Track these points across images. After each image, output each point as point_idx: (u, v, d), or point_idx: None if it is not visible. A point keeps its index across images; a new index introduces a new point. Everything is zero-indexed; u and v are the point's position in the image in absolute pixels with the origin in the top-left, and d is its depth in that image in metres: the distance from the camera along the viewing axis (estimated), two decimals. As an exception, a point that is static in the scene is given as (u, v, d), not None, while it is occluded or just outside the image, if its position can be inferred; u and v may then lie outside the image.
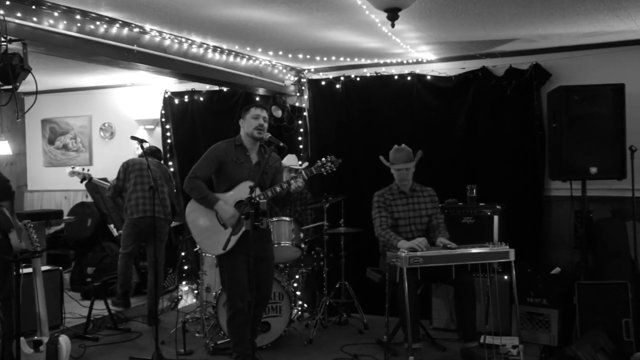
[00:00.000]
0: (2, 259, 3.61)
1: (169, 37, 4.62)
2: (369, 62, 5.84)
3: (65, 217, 6.40)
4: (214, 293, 4.82)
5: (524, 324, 4.59)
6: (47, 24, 3.73)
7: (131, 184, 5.38)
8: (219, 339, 4.64)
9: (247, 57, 5.45)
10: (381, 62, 5.80)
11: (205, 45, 4.94)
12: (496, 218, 4.89)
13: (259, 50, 5.25)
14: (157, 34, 4.51)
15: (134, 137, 4.60)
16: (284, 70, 6.05)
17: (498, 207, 4.94)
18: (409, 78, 5.75)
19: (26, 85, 3.71)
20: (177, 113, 6.78)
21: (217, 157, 3.90)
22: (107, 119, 7.46)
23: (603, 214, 5.03)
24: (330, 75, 6.11)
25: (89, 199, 6.83)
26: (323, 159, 3.85)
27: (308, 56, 5.46)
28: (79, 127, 7.65)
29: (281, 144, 3.80)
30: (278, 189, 3.79)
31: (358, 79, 5.98)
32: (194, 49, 4.90)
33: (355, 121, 5.97)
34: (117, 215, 6.19)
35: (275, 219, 4.72)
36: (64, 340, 3.59)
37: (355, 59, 5.75)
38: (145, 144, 4.65)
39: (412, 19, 4.17)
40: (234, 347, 3.94)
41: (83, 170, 6.03)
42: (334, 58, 5.65)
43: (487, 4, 3.84)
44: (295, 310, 5.04)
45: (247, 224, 3.54)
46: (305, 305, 5.29)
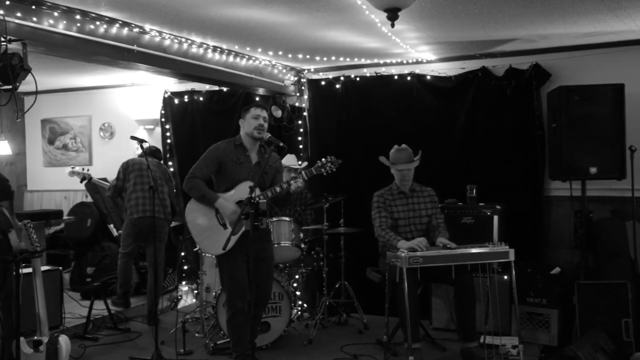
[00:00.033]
0: (2, 259, 3.60)
1: (169, 37, 4.62)
2: (368, 62, 5.84)
3: (65, 217, 6.39)
4: (213, 293, 4.82)
5: (523, 324, 4.59)
6: (47, 24, 3.73)
7: (131, 184, 5.38)
8: (219, 339, 4.64)
9: (247, 57, 5.45)
10: (381, 62, 5.80)
11: (205, 45, 4.94)
12: (496, 218, 4.89)
13: (259, 50, 5.24)
14: (157, 34, 4.50)
15: (133, 137, 4.60)
16: (284, 70, 6.05)
17: (498, 207, 4.94)
18: (408, 78, 5.75)
19: (26, 85, 3.71)
20: (177, 113, 6.77)
21: (217, 157, 3.90)
22: (107, 119, 7.46)
23: (603, 214, 5.03)
24: (330, 75, 6.11)
25: (89, 199, 6.83)
26: (323, 160, 3.84)
27: (308, 56, 5.46)
28: (79, 127, 7.65)
29: (281, 144, 3.80)
30: (278, 189, 3.79)
31: (358, 79, 5.97)
32: (194, 49, 4.90)
33: (355, 121, 5.96)
34: (117, 215, 6.19)
35: (275, 219, 4.72)
36: (63, 340, 3.59)
37: (355, 59, 5.74)
38: (145, 144, 4.65)
39: (412, 19, 4.17)
40: (233, 347, 3.94)
41: (83, 170, 6.04)
42: (333, 58, 5.65)
43: (487, 4, 3.84)
44: (295, 310, 5.04)
45: (246, 224, 3.54)
46: (305, 305, 5.28)
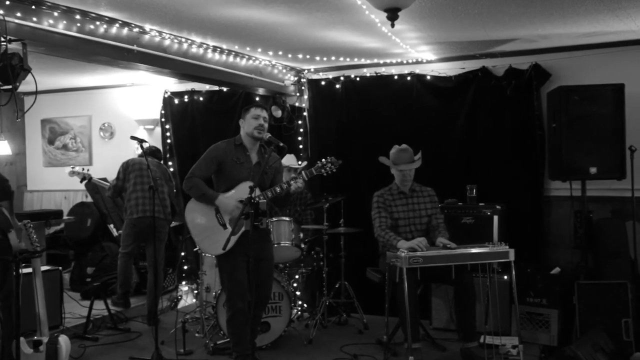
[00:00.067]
0: (2, 259, 3.60)
1: (169, 37, 4.62)
2: (368, 62, 5.84)
3: (65, 217, 6.39)
4: (213, 293, 4.82)
5: (523, 324, 4.59)
6: (46, 24, 3.73)
7: (131, 184, 5.38)
8: (219, 339, 4.64)
9: (246, 57, 5.45)
10: (381, 62, 5.80)
11: (205, 45, 4.94)
12: (496, 218, 4.89)
13: (259, 50, 5.24)
14: (157, 34, 4.50)
15: (133, 137, 4.60)
16: (284, 70, 6.04)
17: (498, 207, 4.94)
18: (408, 78, 5.75)
19: (26, 85, 3.71)
20: (176, 113, 6.77)
21: (217, 157, 3.89)
22: (106, 119, 7.46)
23: (603, 214, 5.03)
24: (330, 75, 6.11)
25: (89, 199, 6.83)
26: (323, 160, 3.83)
27: (308, 56, 5.46)
28: (79, 127, 7.65)
29: (281, 144, 3.80)
30: (278, 189, 3.78)
31: (358, 79, 5.97)
32: (194, 49, 4.90)
33: (355, 121, 5.96)
34: (117, 215, 6.19)
35: (275, 219, 4.72)
36: (63, 340, 3.59)
37: (355, 59, 5.74)
38: (145, 144, 4.65)
39: (412, 19, 4.17)
40: (233, 347, 3.94)
41: (83, 170, 6.03)
42: (333, 58, 5.64)
43: (487, 4, 3.84)
44: (295, 310, 5.04)
45: (246, 224, 3.54)
46: (305, 305, 5.28)
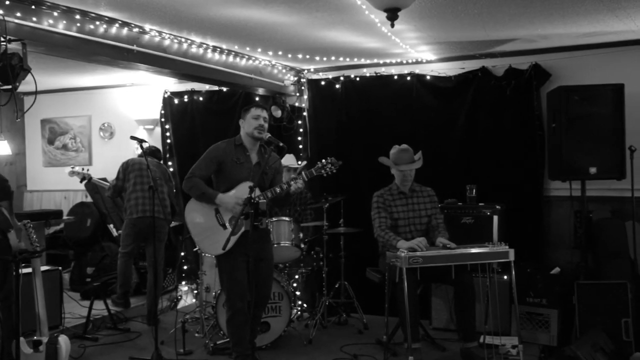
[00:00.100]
0: (2, 259, 3.60)
1: (169, 37, 4.62)
2: (368, 62, 5.83)
3: (64, 217, 6.39)
4: (213, 293, 4.82)
5: (523, 324, 4.59)
6: (46, 24, 3.73)
7: (131, 184, 5.38)
8: (219, 339, 4.64)
9: (246, 57, 5.44)
10: (381, 62, 5.80)
11: (204, 45, 4.94)
12: (496, 218, 4.89)
13: (259, 50, 5.24)
14: (157, 33, 4.50)
15: (133, 137, 4.60)
16: (284, 70, 6.04)
17: (498, 207, 4.94)
18: (408, 78, 5.75)
19: (26, 85, 3.71)
20: (176, 113, 6.77)
21: (217, 157, 3.89)
22: (106, 119, 7.46)
23: (603, 214, 5.03)
24: (330, 75, 6.11)
25: (89, 199, 6.83)
26: (323, 161, 3.82)
27: (308, 56, 5.46)
28: (79, 127, 7.65)
29: (281, 144, 3.79)
30: (278, 189, 3.78)
31: (358, 79, 5.97)
32: (194, 49, 4.90)
33: (355, 121, 5.96)
34: (117, 215, 6.19)
35: (274, 219, 4.72)
36: (63, 340, 3.59)
37: (355, 59, 5.74)
38: (145, 144, 4.64)
39: (412, 19, 4.17)
40: (233, 347, 3.93)
41: (83, 170, 6.03)
42: (333, 58, 5.64)
43: (487, 4, 3.84)
44: (295, 310, 5.04)
45: (246, 224, 3.54)
46: (305, 305, 5.28)
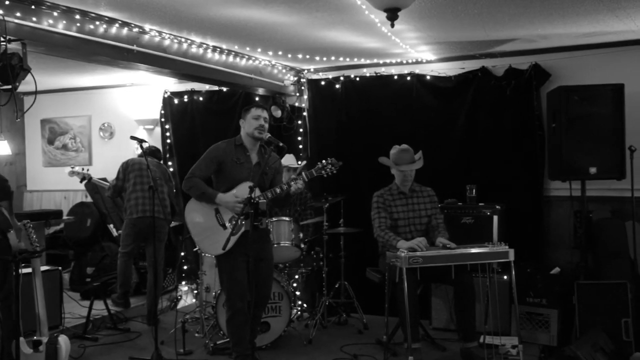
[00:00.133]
0: (2, 259, 3.60)
1: (169, 37, 4.62)
2: (368, 62, 5.83)
3: (64, 217, 6.39)
4: (213, 293, 4.82)
5: (523, 324, 4.59)
6: (46, 24, 3.73)
7: (131, 184, 5.38)
8: (219, 339, 4.64)
9: (246, 57, 5.44)
10: (381, 62, 5.80)
11: (204, 45, 4.94)
12: (496, 218, 4.89)
13: (259, 50, 5.24)
14: (157, 33, 4.50)
15: (133, 137, 4.60)
16: (284, 70, 6.04)
17: (497, 207, 4.94)
18: (408, 78, 5.75)
19: (25, 85, 3.71)
20: (176, 113, 6.77)
21: (217, 157, 3.89)
22: (106, 119, 7.46)
23: (603, 214, 5.03)
24: (330, 75, 6.11)
25: (89, 199, 6.83)
26: (323, 161, 3.82)
27: (307, 56, 5.46)
28: (79, 127, 7.65)
29: (281, 144, 3.79)
30: (278, 190, 3.78)
31: (358, 79, 5.97)
32: (194, 49, 4.90)
33: (355, 121, 5.96)
34: (117, 215, 6.19)
35: (274, 219, 4.72)
36: (63, 340, 3.59)
37: (355, 59, 5.74)
38: (145, 144, 4.64)
39: (412, 19, 4.17)
40: (233, 347, 3.94)
41: (82, 170, 6.04)
42: (333, 58, 5.64)
43: (486, 4, 3.84)
44: (295, 310, 5.04)
45: (246, 224, 3.54)
46: (305, 305, 5.28)
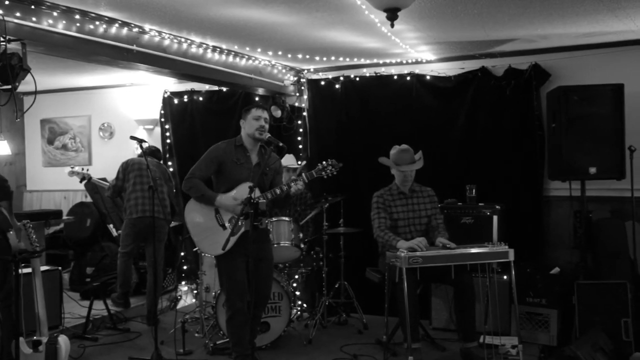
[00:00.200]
0: (2, 259, 3.60)
1: (169, 37, 4.62)
2: (368, 62, 5.83)
3: (64, 217, 6.39)
4: (213, 293, 4.82)
5: (523, 324, 4.59)
6: (46, 24, 3.73)
7: (130, 184, 5.38)
8: (218, 339, 4.64)
9: (246, 57, 5.44)
10: (380, 62, 5.80)
11: (204, 45, 4.94)
12: (495, 218, 4.89)
13: (259, 50, 5.24)
14: (157, 33, 4.50)
15: (133, 137, 4.60)
16: (284, 70, 6.04)
17: (497, 207, 4.94)
18: (408, 78, 5.75)
19: (25, 85, 3.71)
20: (176, 113, 6.77)
21: (217, 157, 3.89)
22: (106, 118, 7.45)
23: (602, 214, 5.04)
24: (330, 75, 6.11)
25: (88, 199, 6.83)
26: (324, 163, 3.82)
27: (307, 56, 5.46)
28: (78, 127, 7.65)
29: (281, 144, 3.79)
30: (278, 191, 3.78)
31: (357, 79, 5.97)
32: (194, 49, 4.90)
33: (355, 121, 5.96)
34: (117, 215, 6.19)
35: (274, 219, 4.72)
36: (63, 340, 3.59)
37: (355, 59, 5.74)
38: (145, 144, 4.65)
39: (412, 19, 4.17)
40: (233, 347, 3.93)
41: (82, 170, 6.04)
42: (333, 58, 5.64)
43: (486, 4, 3.84)
44: (295, 310, 5.04)
45: (246, 224, 3.54)
46: (305, 305, 5.28)
